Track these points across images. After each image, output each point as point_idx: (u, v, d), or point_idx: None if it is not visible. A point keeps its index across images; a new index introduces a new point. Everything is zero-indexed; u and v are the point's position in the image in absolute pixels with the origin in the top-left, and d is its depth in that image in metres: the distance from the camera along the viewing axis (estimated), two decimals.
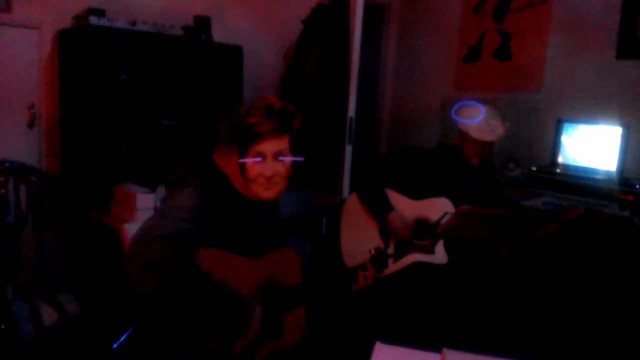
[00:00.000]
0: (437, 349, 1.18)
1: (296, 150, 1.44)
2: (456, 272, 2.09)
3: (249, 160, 1.37)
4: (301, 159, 1.44)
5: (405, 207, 2.15)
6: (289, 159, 1.42)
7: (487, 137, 2.10)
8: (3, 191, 2.28)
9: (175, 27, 2.67)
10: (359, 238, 2.24)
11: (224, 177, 1.42)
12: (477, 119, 2.11)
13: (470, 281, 2.11)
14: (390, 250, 2.17)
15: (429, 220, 2.11)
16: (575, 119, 3.19)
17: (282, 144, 1.40)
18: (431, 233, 2.09)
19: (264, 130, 1.36)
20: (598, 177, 2.95)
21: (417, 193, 2.17)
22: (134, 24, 2.50)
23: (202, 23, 2.78)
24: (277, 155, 1.40)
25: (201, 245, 1.29)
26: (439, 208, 2.09)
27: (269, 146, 1.38)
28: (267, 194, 1.41)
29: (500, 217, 2.11)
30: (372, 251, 1.60)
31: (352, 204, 2.29)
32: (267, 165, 1.38)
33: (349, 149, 3.34)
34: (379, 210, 2.15)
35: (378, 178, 2.20)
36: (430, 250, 2.09)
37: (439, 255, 2.09)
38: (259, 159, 1.38)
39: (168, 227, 1.23)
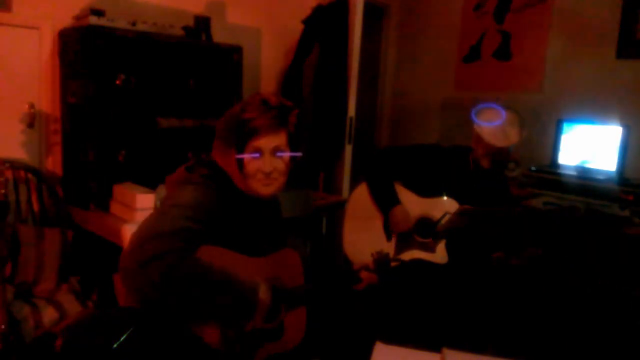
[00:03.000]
0: (437, 349, 1.18)
1: (294, 146, 1.44)
2: (456, 272, 2.10)
3: (246, 156, 1.38)
4: (299, 154, 1.45)
5: (410, 203, 2.15)
6: (287, 154, 1.42)
7: (499, 143, 2.07)
8: (3, 191, 2.28)
9: (175, 27, 2.67)
10: (362, 230, 2.24)
11: (223, 175, 1.42)
12: (494, 123, 2.09)
13: (470, 281, 2.11)
14: (392, 245, 2.17)
15: (432, 218, 2.12)
16: (575, 119, 3.19)
17: (279, 139, 1.40)
18: (432, 231, 2.09)
19: (260, 126, 1.36)
20: (598, 177, 2.95)
21: (424, 190, 2.16)
22: (134, 24, 2.50)
23: (202, 23, 2.78)
24: (274, 150, 1.40)
25: (202, 243, 1.29)
26: (444, 207, 2.09)
27: (266, 142, 1.38)
28: (265, 190, 1.41)
29: (500, 217, 2.11)
30: (375, 255, 1.59)
31: (360, 195, 2.28)
32: (265, 161, 1.38)
33: (349, 148, 3.34)
34: (385, 202, 2.15)
35: (389, 169, 2.20)
36: (432, 249, 2.10)
37: (440, 254, 2.09)
38: (256, 154, 1.38)
39: (167, 224, 1.23)
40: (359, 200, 2.28)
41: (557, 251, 2.44)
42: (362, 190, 2.27)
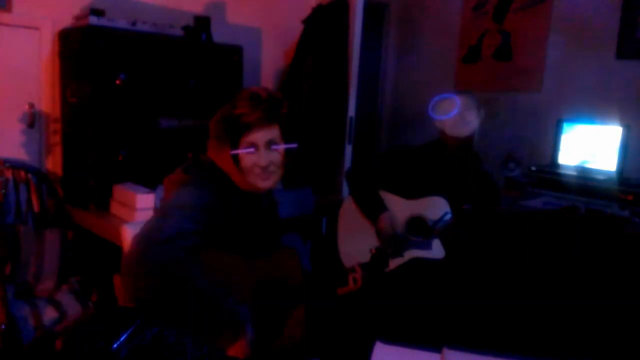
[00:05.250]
0: (437, 348, 1.18)
1: (289, 138, 1.44)
2: (455, 270, 2.10)
3: (241, 151, 1.38)
4: (294, 145, 1.44)
5: (399, 207, 2.16)
6: (282, 147, 1.42)
7: (463, 132, 2.10)
8: (3, 191, 2.28)
9: (175, 27, 2.67)
10: (356, 238, 2.24)
11: (221, 173, 1.43)
12: (452, 114, 2.11)
13: (469, 280, 2.11)
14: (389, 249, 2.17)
15: (424, 217, 2.12)
16: (575, 119, 3.19)
17: (272, 132, 1.40)
18: (429, 231, 2.09)
19: (252, 120, 1.37)
20: (598, 177, 2.95)
21: (409, 192, 2.17)
22: (134, 24, 2.50)
23: (202, 23, 2.78)
24: (269, 144, 1.40)
25: (204, 243, 1.28)
26: (434, 206, 2.10)
27: (260, 136, 1.38)
28: (264, 183, 1.42)
29: (499, 217, 2.11)
30: (373, 250, 1.60)
31: (350, 205, 2.29)
32: (260, 155, 1.39)
33: (349, 148, 3.34)
34: (372, 211, 2.15)
35: (369, 180, 2.21)
36: (428, 247, 2.10)
37: (436, 250, 2.10)
38: (251, 149, 1.38)
39: (169, 228, 1.23)
40: (349, 211, 2.29)
41: (557, 250, 2.44)
42: (351, 202, 2.28)
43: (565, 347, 2.15)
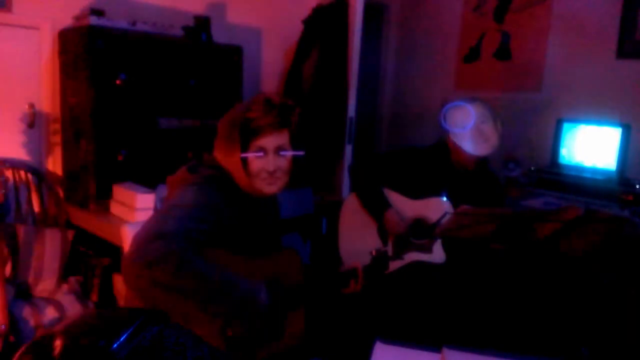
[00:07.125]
0: (437, 347, 1.18)
1: (296, 145, 1.45)
2: (455, 270, 2.10)
3: (250, 155, 1.38)
4: (302, 153, 1.45)
5: (403, 206, 2.15)
6: (290, 153, 1.43)
7: (483, 151, 2.06)
8: (3, 191, 2.28)
9: (175, 27, 2.67)
10: (358, 238, 2.24)
11: (225, 174, 1.43)
12: (468, 127, 2.06)
13: (469, 280, 2.11)
14: (389, 250, 2.17)
15: (427, 219, 2.11)
16: (575, 119, 3.19)
17: (282, 138, 1.41)
18: (430, 233, 2.09)
19: (264, 125, 1.38)
20: (598, 177, 2.95)
21: (414, 192, 2.16)
22: (134, 24, 2.50)
23: (202, 23, 2.78)
24: (278, 149, 1.41)
25: (204, 243, 1.28)
26: (437, 208, 2.09)
27: (270, 140, 1.39)
28: (269, 188, 1.42)
29: (499, 217, 2.11)
30: (374, 252, 1.60)
31: (352, 204, 2.29)
32: (269, 160, 1.39)
33: (349, 148, 3.34)
34: (377, 208, 2.15)
35: (375, 177, 2.20)
36: (429, 249, 2.10)
37: (437, 254, 2.09)
38: (260, 153, 1.39)
39: (170, 225, 1.23)
40: (351, 210, 2.29)
41: (558, 251, 2.44)
42: (353, 201, 2.28)
43: (565, 346, 2.15)
